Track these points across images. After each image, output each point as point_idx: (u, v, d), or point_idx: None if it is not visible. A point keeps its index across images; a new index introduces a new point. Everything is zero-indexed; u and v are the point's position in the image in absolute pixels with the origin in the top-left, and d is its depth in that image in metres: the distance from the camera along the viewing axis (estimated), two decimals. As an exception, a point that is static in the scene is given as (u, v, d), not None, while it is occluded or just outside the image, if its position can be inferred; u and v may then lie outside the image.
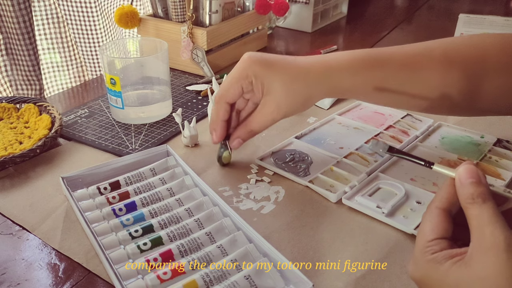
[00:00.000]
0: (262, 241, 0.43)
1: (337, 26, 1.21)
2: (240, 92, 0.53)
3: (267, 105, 0.52)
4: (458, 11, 1.19)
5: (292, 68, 0.52)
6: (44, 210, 0.51)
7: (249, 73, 0.52)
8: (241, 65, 0.52)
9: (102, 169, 0.54)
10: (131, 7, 0.85)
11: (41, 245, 0.47)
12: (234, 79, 0.53)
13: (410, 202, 0.51)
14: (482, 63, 0.51)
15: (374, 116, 0.70)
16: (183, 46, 0.83)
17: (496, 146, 0.62)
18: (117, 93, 0.66)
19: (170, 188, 0.52)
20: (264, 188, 0.55)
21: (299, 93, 0.52)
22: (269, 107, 0.52)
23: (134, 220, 0.47)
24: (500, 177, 0.55)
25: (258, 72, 0.51)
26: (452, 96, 0.52)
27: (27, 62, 0.85)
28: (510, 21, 1.10)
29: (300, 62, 0.53)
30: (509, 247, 0.30)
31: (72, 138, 0.64)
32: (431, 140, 0.64)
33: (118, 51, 0.71)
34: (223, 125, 0.55)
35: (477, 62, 0.51)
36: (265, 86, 0.52)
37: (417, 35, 1.13)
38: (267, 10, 0.93)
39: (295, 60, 0.53)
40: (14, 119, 0.68)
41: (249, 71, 0.52)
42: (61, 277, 0.43)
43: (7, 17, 0.81)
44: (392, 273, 0.43)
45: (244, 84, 0.52)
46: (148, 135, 0.65)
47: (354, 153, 0.60)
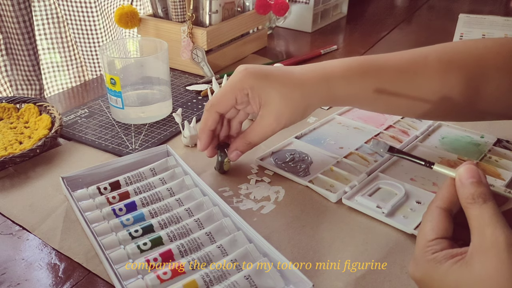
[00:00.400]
0: (262, 241, 0.43)
1: (337, 26, 1.21)
2: (232, 104, 0.53)
3: (266, 117, 0.52)
4: (458, 11, 1.19)
5: (289, 79, 0.52)
6: (44, 210, 0.51)
7: (245, 85, 0.51)
8: (237, 76, 0.52)
9: (102, 169, 0.54)
10: (131, 7, 0.85)
11: (41, 245, 0.47)
12: (229, 90, 0.52)
13: (410, 202, 0.51)
14: (480, 66, 0.51)
15: (374, 116, 0.70)
16: (183, 46, 0.83)
17: (496, 146, 0.62)
18: (117, 93, 0.66)
19: (170, 188, 0.52)
20: (264, 188, 0.55)
21: (297, 103, 0.52)
22: (268, 119, 0.52)
23: (134, 220, 0.47)
24: (500, 177, 0.55)
25: (254, 84, 0.51)
26: (451, 100, 0.52)
27: (27, 62, 0.85)
28: (510, 21, 1.10)
29: (296, 73, 0.53)
30: (509, 247, 0.30)
31: (72, 138, 0.64)
32: (431, 140, 0.64)
33: (118, 51, 0.71)
34: (209, 134, 0.54)
35: (474, 65, 0.51)
36: (262, 98, 0.51)
37: (417, 35, 1.13)
38: (267, 10, 0.93)
39: (291, 71, 0.53)
40: (14, 119, 0.68)
41: (245, 83, 0.51)
42: (61, 277, 0.43)
43: (7, 17, 0.81)
44: (392, 273, 0.43)
45: (239, 96, 0.52)
46: (148, 135, 0.65)
47: (354, 153, 0.60)
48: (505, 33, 1.01)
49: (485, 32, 1.02)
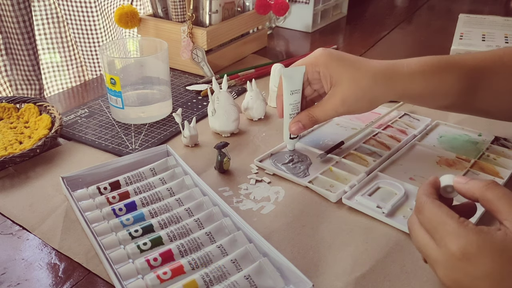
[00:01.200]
0: (262, 241, 0.43)
1: (337, 26, 1.21)
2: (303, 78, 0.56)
3: (333, 97, 0.54)
4: (458, 11, 1.19)
5: (363, 67, 0.53)
6: (44, 210, 0.51)
7: (318, 63, 0.54)
8: (313, 54, 0.56)
9: (102, 169, 0.54)
10: (131, 7, 0.85)
11: (41, 245, 0.47)
12: (303, 64, 0.55)
13: (410, 201, 0.51)
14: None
15: (371, 116, 0.70)
16: (183, 46, 0.83)
17: (494, 144, 0.62)
18: (117, 93, 0.66)
19: (170, 188, 0.52)
20: (264, 189, 0.55)
21: (366, 91, 0.53)
22: (334, 99, 0.54)
23: (134, 220, 0.47)
24: (498, 175, 0.56)
25: (328, 63, 0.54)
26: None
27: (27, 62, 0.85)
28: (510, 21, 1.10)
29: (371, 63, 0.54)
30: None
31: (72, 138, 0.65)
32: (429, 139, 0.64)
33: (118, 51, 0.71)
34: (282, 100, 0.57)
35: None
36: (333, 78, 0.54)
37: (417, 35, 1.13)
38: (267, 10, 0.93)
39: (367, 60, 0.55)
40: (14, 119, 0.68)
41: (319, 61, 0.54)
42: (61, 277, 0.43)
43: (7, 17, 0.81)
44: (392, 273, 0.43)
45: (310, 72, 0.55)
46: (148, 135, 0.65)
47: (353, 153, 0.60)
48: (505, 33, 1.01)
49: (485, 32, 1.02)
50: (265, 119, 0.70)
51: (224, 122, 0.64)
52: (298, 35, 1.13)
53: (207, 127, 0.68)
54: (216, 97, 0.64)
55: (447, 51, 0.93)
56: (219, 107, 0.64)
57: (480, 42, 0.96)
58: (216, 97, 0.64)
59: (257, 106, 0.68)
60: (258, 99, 0.68)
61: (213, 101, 0.64)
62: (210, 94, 0.65)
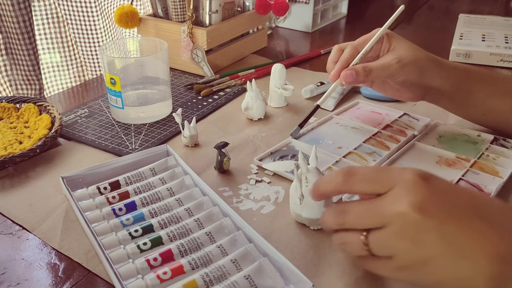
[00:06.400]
0: (262, 241, 0.43)
1: (337, 26, 1.21)
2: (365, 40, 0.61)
3: (390, 55, 0.59)
4: (458, 11, 1.19)
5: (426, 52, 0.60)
6: (44, 210, 0.51)
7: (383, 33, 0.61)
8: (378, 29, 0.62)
9: (102, 169, 0.54)
10: (131, 7, 0.85)
11: (41, 245, 0.47)
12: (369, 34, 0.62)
13: (409, 202, 0.51)
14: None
15: (371, 115, 0.70)
16: (183, 46, 0.83)
17: (493, 144, 0.62)
18: (117, 93, 0.66)
19: (170, 188, 0.52)
20: (264, 188, 0.55)
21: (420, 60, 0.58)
22: (391, 56, 0.59)
23: (134, 220, 0.47)
24: (498, 175, 0.56)
25: (391, 34, 0.61)
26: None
27: (27, 62, 0.85)
28: (510, 21, 1.10)
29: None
30: None
31: (72, 138, 0.65)
32: (428, 139, 0.64)
33: (118, 51, 0.71)
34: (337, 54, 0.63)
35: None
36: (392, 45, 0.60)
37: (417, 35, 1.13)
38: (267, 10, 0.93)
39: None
40: (14, 119, 0.68)
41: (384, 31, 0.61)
42: (61, 277, 0.43)
43: (7, 17, 0.81)
44: (392, 273, 0.43)
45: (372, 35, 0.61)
46: (148, 135, 0.65)
47: (353, 152, 0.60)
48: (505, 33, 1.01)
49: (485, 32, 1.02)
50: (265, 119, 0.70)
51: (316, 209, 0.46)
52: (298, 35, 1.13)
53: (207, 127, 0.68)
54: (304, 177, 0.47)
55: (447, 51, 0.93)
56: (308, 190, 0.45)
57: (480, 42, 0.96)
58: (304, 177, 0.47)
59: (257, 106, 0.68)
60: (258, 99, 0.68)
61: (299, 183, 0.46)
62: (296, 173, 0.46)
